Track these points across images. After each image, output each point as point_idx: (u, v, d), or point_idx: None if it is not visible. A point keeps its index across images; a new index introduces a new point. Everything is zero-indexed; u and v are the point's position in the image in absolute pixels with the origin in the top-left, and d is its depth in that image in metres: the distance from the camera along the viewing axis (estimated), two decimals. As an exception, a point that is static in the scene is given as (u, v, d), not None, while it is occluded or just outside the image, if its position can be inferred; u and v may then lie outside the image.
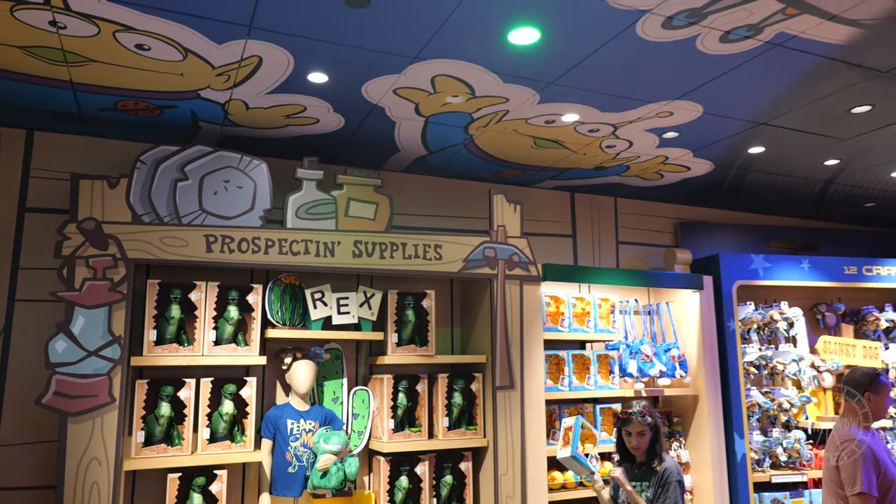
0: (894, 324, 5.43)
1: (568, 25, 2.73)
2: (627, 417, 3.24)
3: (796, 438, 4.88)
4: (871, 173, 4.91)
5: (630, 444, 3.25)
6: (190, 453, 3.51)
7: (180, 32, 2.73)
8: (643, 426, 3.21)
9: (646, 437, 3.20)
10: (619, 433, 3.34)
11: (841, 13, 2.65)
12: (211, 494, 3.50)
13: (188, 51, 2.88)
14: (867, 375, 3.31)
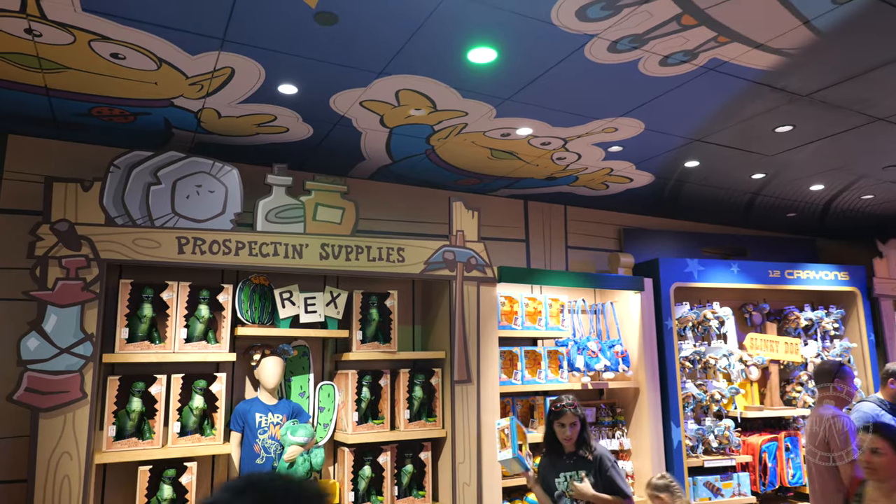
0: (812, 322, 5.62)
1: (523, 47, 2.77)
2: (561, 409, 3.22)
3: (726, 427, 4.99)
4: (793, 186, 5.05)
5: (563, 436, 3.22)
6: (160, 446, 3.43)
7: (155, 43, 2.67)
8: (575, 417, 3.20)
9: (577, 427, 3.20)
10: (550, 426, 3.30)
11: (766, 42, 2.76)
12: (181, 486, 3.43)
13: (162, 61, 2.83)
14: (834, 365, 3.59)
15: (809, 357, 5.47)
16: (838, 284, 5.66)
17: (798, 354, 5.41)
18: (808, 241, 6.64)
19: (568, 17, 2.52)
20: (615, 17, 2.52)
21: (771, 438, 5.12)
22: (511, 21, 2.55)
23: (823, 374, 3.60)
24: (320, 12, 2.46)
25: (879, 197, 5.37)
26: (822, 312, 5.65)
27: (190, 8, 2.42)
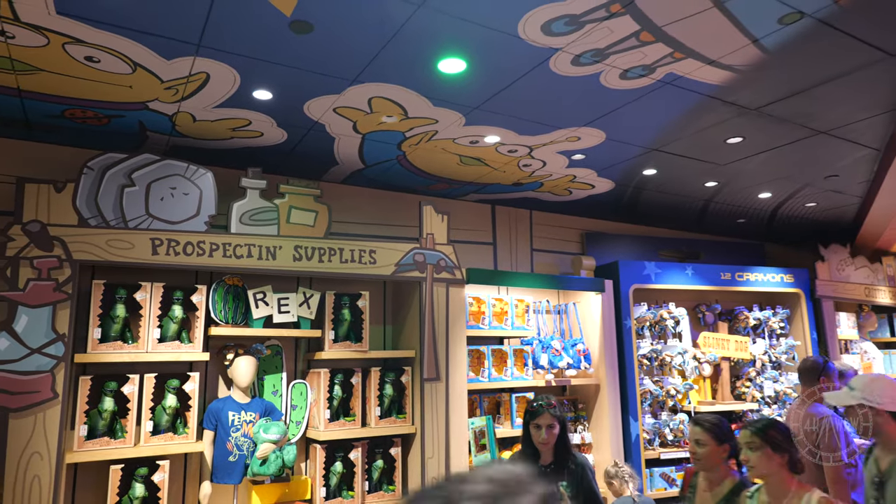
0: (760, 322, 5.76)
1: (491, 58, 2.79)
2: (538, 408, 2.84)
3: (680, 420, 5.10)
4: (743, 194, 5.17)
5: (539, 439, 2.81)
6: (133, 445, 3.35)
7: (130, 47, 2.62)
8: (553, 419, 2.81)
9: (554, 430, 2.80)
10: (527, 428, 2.90)
11: (718, 59, 2.83)
12: (153, 484, 3.36)
13: (137, 65, 2.77)
14: (818, 363, 3.66)
15: (757, 354, 5.60)
16: (784, 286, 5.82)
17: (747, 352, 5.54)
18: (757, 245, 6.79)
19: (534, 31, 2.55)
20: (578, 32, 2.57)
21: (722, 431, 5.24)
22: (480, 34, 2.57)
23: (810, 372, 3.63)
24: (295, 21, 2.44)
25: (821, 205, 5.54)
26: (770, 312, 5.79)
27: (166, 13, 2.37)
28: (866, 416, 2.41)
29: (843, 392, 2.51)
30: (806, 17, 2.49)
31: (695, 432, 2.59)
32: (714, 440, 2.52)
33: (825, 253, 6.12)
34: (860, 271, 6.39)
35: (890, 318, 7.03)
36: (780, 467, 2.24)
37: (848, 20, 2.53)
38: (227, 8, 2.34)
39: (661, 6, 2.41)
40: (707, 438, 2.53)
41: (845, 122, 3.64)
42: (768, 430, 2.28)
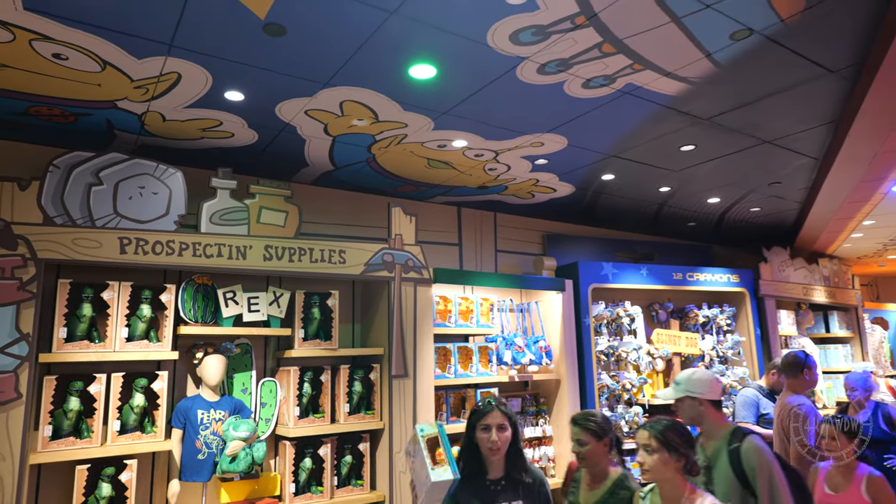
0: (709, 319, 5.92)
1: (460, 65, 2.79)
2: (486, 405, 2.33)
3: (635, 413, 5.17)
4: (694, 199, 5.31)
5: (487, 444, 2.24)
6: (99, 445, 3.23)
7: (100, 45, 2.52)
8: (504, 417, 2.29)
9: (506, 432, 2.27)
10: (471, 433, 2.32)
11: (674, 71, 2.91)
12: (120, 483, 3.24)
13: (107, 63, 2.67)
14: (800, 357, 3.79)
15: (706, 350, 5.75)
16: (730, 286, 6.00)
17: (697, 347, 5.68)
18: (706, 247, 6.96)
19: (502, 40, 2.57)
20: (544, 42, 2.59)
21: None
22: (450, 41, 2.57)
23: (793, 366, 3.78)
24: (269, 24, 2.40)
25: (765, 209, 5.73)
26: (717, 310, 5.96)
27: (138, 12, 2.30)
28: (692, 407, 2.49)
29: (670, 389, 2.58)
30: (755, 33, 2.57)
31: (575, 432, 2.50)
32: (594, 437, 2.44)
33: (768, 255, 6.33)
34: (799, 272, 6.63)
35: (825, 316, 7.32)
36: (676, 472, 2.11)
37: (793, 38, 2.62)
38: (201, 9, 2.28)
39: (622, 20, 2.45)
40: (588, 437, 2.45)
41: (788, 133, 3.78)
42: (667, 432, 2.13)
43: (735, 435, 2.43)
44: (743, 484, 2.31)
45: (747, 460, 2.32)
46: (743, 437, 2.40)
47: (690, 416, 2.52)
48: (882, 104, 3.06)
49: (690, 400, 2.51)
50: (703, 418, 2.51)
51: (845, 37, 2.64)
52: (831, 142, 3.91)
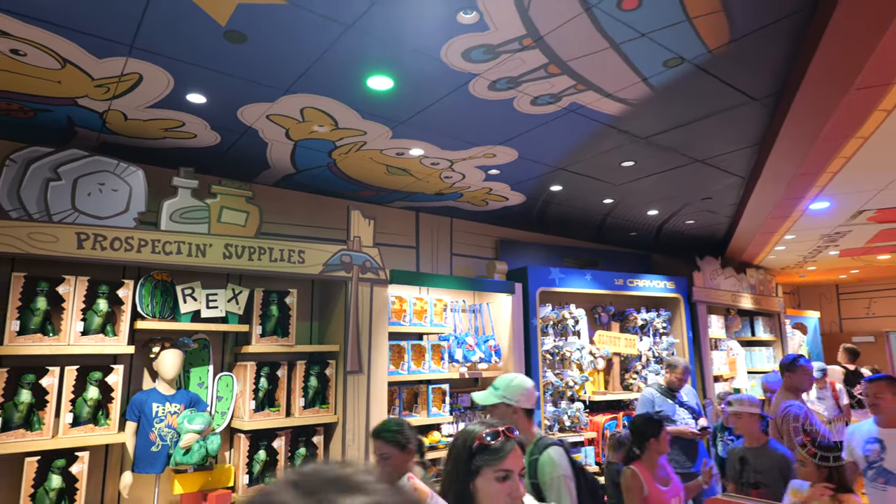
0: (647, 322, 6.08)
1: (416, 79, 2.80)
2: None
3: (577, 409, 5.27)
4: (635, 211, 5.43)
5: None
6: (50, 437, 3.10)
7: (59, 43, 2.43)
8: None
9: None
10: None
11: (614, 93, 2.98)
12: (71, 475, 3.12)
13: (66, 61, 2.57)
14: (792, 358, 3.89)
15: (643, 350, 5.91)
16: (666, 292, 6.18)
17: (635, 348, 5.82)
18: (646, 255, 7.14)
19: (455, 56, 2.59)
20: (494, 60, 2.63)
21: (612, 417, 5.48)
22: (406, 56, 2.58)
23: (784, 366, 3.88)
24: (230, 31, 2.36)
25: (699, 222, 5.92)
26: (654, 314, 6.12)
27: (97, 12, 2.22)
28: (505, 414, 2.36)
29: (488, 391, 2.42)
30: (685, 62, 2.67)
31: (377, 447, 2.31)
32: (398, 448, 2.30)
33: (700, 264, 6.53)
34: (728, 280, 6.87)
35: (751, 321, 7.61)
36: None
37: (719, 67, 2.73)
38: (162, 12, 2.23)
39: (566, 43, 2.51)
40: (391, 450, 2.29)
41: (717, 154, 3.92)
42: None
43: (537, 446, 2.29)
44: (537, 495, 2.18)
45: (541, 472, 2.20)
46: (543, 449, 2.26)
47: (508, 421, 2.33)
48: (798, 130, 3.21)
49: (505, 406, 2.37)
50: (517, 426, 2.31)
51: (766, 68, 2.76)
52: (755, 163, 4.08)
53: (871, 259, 7.73)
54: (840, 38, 2.28)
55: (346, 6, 2.20)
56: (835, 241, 6.48)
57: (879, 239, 6.33)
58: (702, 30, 2.42)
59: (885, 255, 7.45)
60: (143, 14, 2.23)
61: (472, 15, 2.27)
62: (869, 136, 3.27)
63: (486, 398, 2.42)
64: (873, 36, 2.22)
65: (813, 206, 4.80)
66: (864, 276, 9.55)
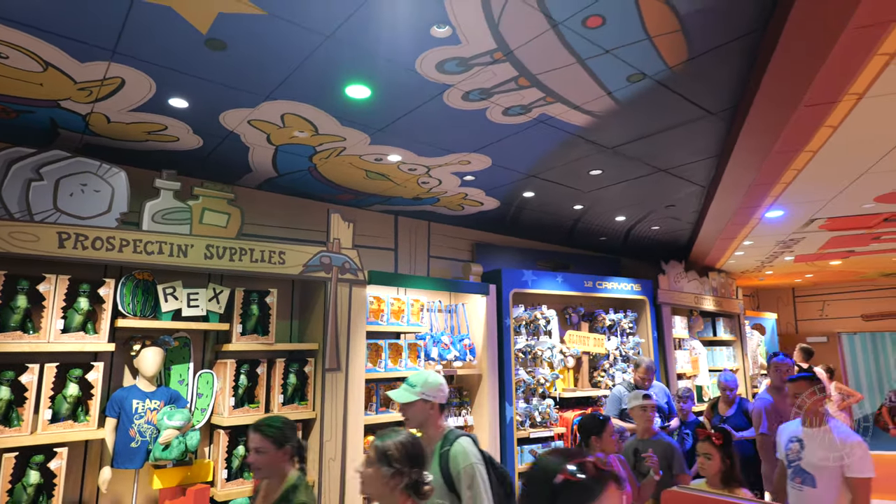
0: (614, 322, 6.16)
1: (393, 88, 2.81)
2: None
3: (548, 405, 5.32)
4: (604, 216, 5.49)
5: None
6: (29, 433, 3.04)
7: (41, 47, 2.39)
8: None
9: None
10: None
11: (581, 105, 3.03)
12: (49, 471, 3.06)
13: (49, 64, 2.53)
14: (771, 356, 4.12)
15: (611, 349, 5.99)
16: (633, 294, 6.27)
17: (603, 347, 5.90)
18: (614, 259, 7.22)
19: (430, 68, 2.61)
20: (467, 72, 2.66)
21: (580, 413, 5.53)
22: (383, 66, 2.59)
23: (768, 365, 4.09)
24: (210, 39, 2.34)
25: (663, 228, 6.02)
26: (622, 315, 6.20)
27: (80, 17, 2.19)
28: (423, 410, 2.30)
29: (404, 389, 2.34)
30: (647, 77, 2.73)
31: (253, 440, 2.20)
32: (274, 445, 2.19)
33: (665, 267, 6.64)
34: (692, 283, 7.00)
35: (713, 322, 7.75)
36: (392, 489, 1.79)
37: (679, 83, 2.80)
38: (143, 19, 2.21)
39: (535, 58, 2.54)
40: (267, 445, 2.18)
41: (679, 164, 4.00)
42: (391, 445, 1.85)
43: (447, 438, 2.24)
44: (449, 487, 2.12)
45: (454, 463, 2.14)
46: (454, 441, 2.20)
47: (421, 419, 2.30)
48: (752, 143, 3.29)
49: (423, 403, 2.30)
50: (430, 422, 2.31)
51: (722, 84, 2.84)
52: (714, 173, 4.17)
53: (823, 264, 7.94)
54: (788, 58, 2.35)
55: (324, 17, 2.21)
56: (790, 248, 6.65)
57: (831, 245, 6.51)
58: (662, 48, 2.47)
59: (837, 261, 7.66)
60: (124, 20, 2.21)
61: (445, 29, 2.30)
62: (817, 149, 3.37)
63: (404, 396, 2.31)
64: (819, 57, 2.30)
65: (768, 214, 4.92)
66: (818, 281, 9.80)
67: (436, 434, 2.30)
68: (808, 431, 2.90)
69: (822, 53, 2.26)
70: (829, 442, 2.78)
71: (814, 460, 2.80)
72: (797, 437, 2.94)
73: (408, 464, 1.80)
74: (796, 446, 2.92)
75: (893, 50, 2.23)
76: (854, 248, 6.63)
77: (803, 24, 2.13)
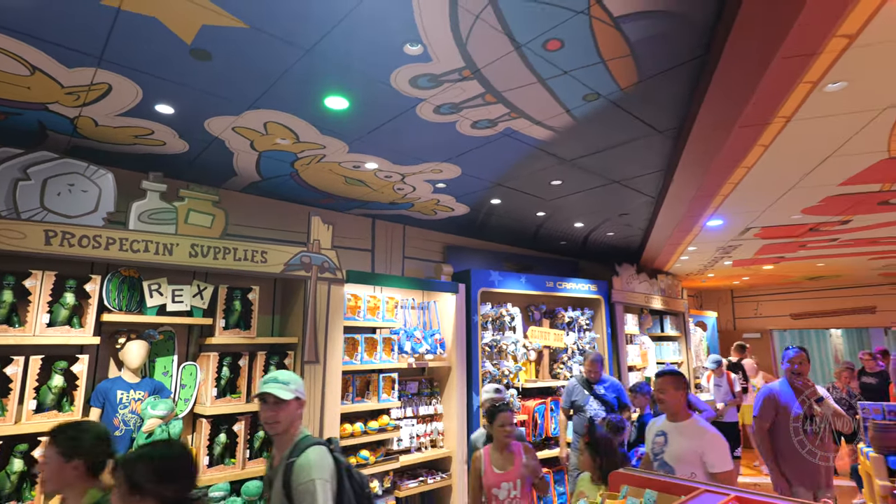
0: (573, 319, 6.21)
1: (369, 101, 2.79)
2: None
3: (511, 394, 5.33)
4: (564, 223, 5.55)
5: None
6: (13, 423, 2.91)
7: (29, 52, 2.29)
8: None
9: None
10: None
11: (543, 121, 3.05)
12: (33, 459, 2.93)
13: (36, 68, 2.43)
14: None
15: (569, 344, 6.04)
16: (590, 293, 6.34)
17: (562, 342, 5.95)
18: (573, 261, 7.30)
19: (403, 83, 2.60)
20: (438, 88, 2.65)
21: (541, 402, 5.57)
22: (359, 80, 2.57)
23: None
24: (195, 49, 2.28)
25: (618, 234, 6.12)
26: (579, 313, 6.24)
27: (67, 24, 2.11)
28: (297, 408, 2.04)
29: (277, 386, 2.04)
30: (601, 97, 2.77)
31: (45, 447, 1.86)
32: (62, 456, 1.81)
33: (619, 270, 6.73)
34: (642, 284, 7.12)
35: (661, 319, 7.90)
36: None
37: (630, 103, 2.84)
38: (130, 28, 2.14)
39: (500, 76, 2.55)
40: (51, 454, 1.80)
41: (631, 176, 4.07)
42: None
43: (297, 446, 1.92)
44: (289, 499, 1.82)
45: (295, 477, 1.82)
46: (303, 451, 1.88)
47: (291, 420, 1.98)
48: (695, 160, 3.37)
49: (297, 402, 2.02)
50: (295, 424, 2.00)
51: (668, 105, 2.89)
52: (662, 185, 4.25)
53: (757, 269, 8.18)
54: (725, 84, 2.42)
55: (304, 32, 2.18)
56: (728, 253, 6.83)
57: (764, 252, 6.72)
58: (614, 70, 2.51)
59: (769, 266, 7.90)
60: (111, 28, 2.14)
61: (417, 47, 2.29)
62: (752, 166, 3.47)
63: (281, 392, 1.98)
64: (752, 83, 2.36)
65: (709, 223, 5.04)
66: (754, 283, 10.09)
67: (291, 439, 1.97)
68: (672, 425, 2.80)
69: (754, 80, 2.33)
70: (689, 435, 2.68)
71: (675, 454, 2.69)
72: (662, 430, 2.84)
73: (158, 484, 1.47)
74: (661, 440, 2.81)
75: (816, 78, 2.31)
76: (784, 254, 6.85)
77: (738, 53, 2.19)
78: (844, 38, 2.03)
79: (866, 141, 3.04)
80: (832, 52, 2.11)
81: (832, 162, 3.39)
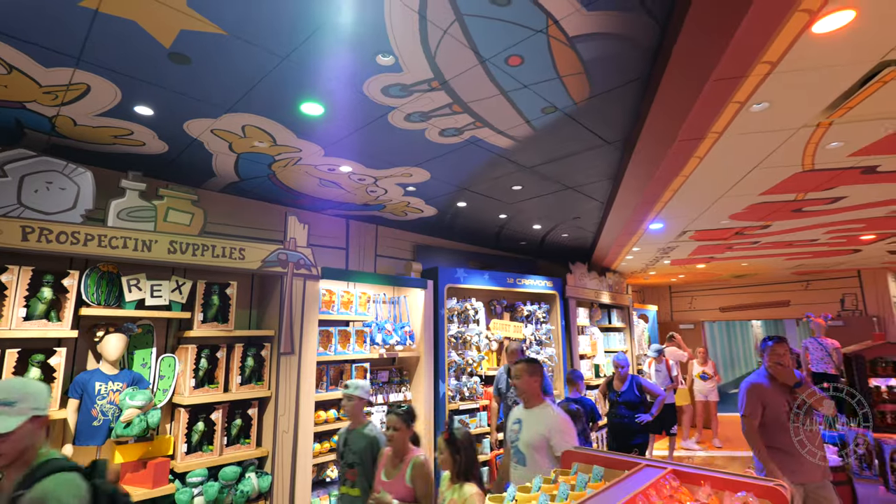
0: (531, 313, 6.26)
1: (343, 107, 2.73)
2: None
3: (475, 382, 5.34)
4: (523, 225, 5.58)
5: None
6: (-13, 416, 2.71)
7: (5, 50, 2.14)
8: None
9: None
10: None
11: (505, 130, 3.06)
12: (7, 450, 2.74)
13: (13, 67, 2.27)
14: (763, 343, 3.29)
15: (528, 335, 6.10)
16: (546, 289, 6.42)
17: (521, 333, 5.98)
18: (532, 260, 7.36)
19: (375, 91, 2.56)
20: (408, 97, 2.62)
21: (501, 388, 5.61)
22: (333, 87, 2.51)
23: None
24: (174, 53, 2.18)
25: (571, 236, 6.20)
26: (537, 307, 6.28)
27: (44, 24, 1.98)
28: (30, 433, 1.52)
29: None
30: (558, 110, 2.79)
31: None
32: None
33: (573, 268, 6.84)
34: (593, 281, 7.25)
35: (609, 312, 8.06)
36: None
37: (582, 116, 2.89)
38: (108, 30, 2.02)
39: (466, 88, 2.54)
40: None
41: (583, 183, 4.14)
42: None
43: (32, 473, 1.43)
44: None
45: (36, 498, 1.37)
46: (40, 479, 1.40)
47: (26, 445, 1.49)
48: (638, 169, 3.46)
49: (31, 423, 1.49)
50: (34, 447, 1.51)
51: (617, 119, 2.95)
52: (610, 192, 4.33)
53: (692, 267, 8.47)
54: (666, 101, 2.48)
55: (280, 41, 2.11)
56: (667, 254, 7.04)
57: (698, 252, 6.96)
58: (569, 86, 2.54)
59: (702, 265, 8.20)
60: (89, 30, 2.01)
61: (389, 58, 2.25)
62: (689, 174, 3.59)
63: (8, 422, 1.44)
64: (688, 101, 2.43)
65: (651, 226, 5.18)
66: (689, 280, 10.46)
67: (24, 466, 1.47)
68: (526, 412, 2.66)
69: (691, 99, 2.40)
70: (538, 421, 2.55)
71: (526, 440, 2.55)
72: (518, 418, 2.68)
73: None
74: (517, 427, 2.65)
75: (743, 99, 2.40)
76: (714, 255, 7.11)
77: (677, 75, 2.25)
78: (767, 64, 2.11)
79: (784, 156, 3.18)
80: (757, 76, 2.19)
81: (756, 174, 3.54)
